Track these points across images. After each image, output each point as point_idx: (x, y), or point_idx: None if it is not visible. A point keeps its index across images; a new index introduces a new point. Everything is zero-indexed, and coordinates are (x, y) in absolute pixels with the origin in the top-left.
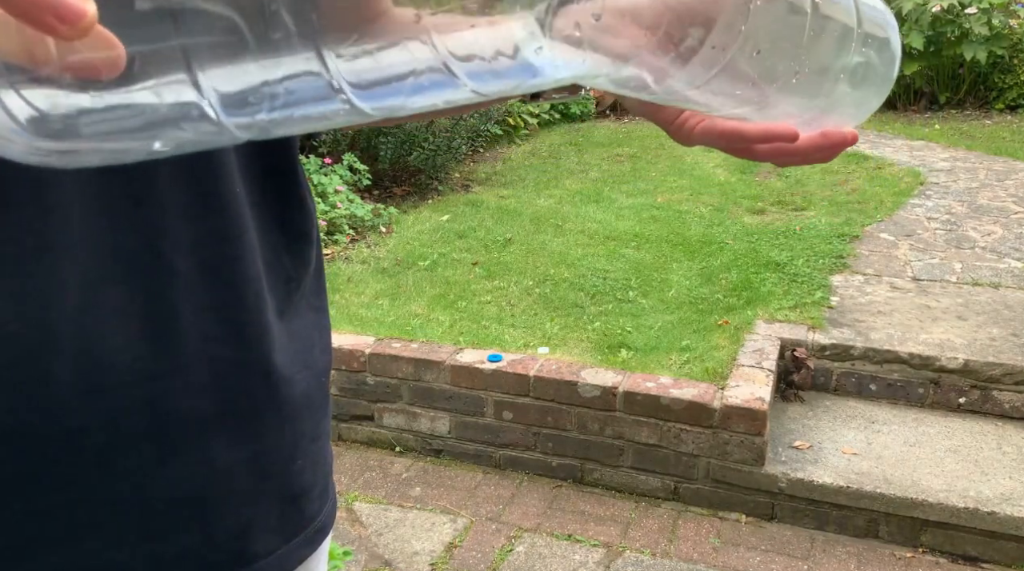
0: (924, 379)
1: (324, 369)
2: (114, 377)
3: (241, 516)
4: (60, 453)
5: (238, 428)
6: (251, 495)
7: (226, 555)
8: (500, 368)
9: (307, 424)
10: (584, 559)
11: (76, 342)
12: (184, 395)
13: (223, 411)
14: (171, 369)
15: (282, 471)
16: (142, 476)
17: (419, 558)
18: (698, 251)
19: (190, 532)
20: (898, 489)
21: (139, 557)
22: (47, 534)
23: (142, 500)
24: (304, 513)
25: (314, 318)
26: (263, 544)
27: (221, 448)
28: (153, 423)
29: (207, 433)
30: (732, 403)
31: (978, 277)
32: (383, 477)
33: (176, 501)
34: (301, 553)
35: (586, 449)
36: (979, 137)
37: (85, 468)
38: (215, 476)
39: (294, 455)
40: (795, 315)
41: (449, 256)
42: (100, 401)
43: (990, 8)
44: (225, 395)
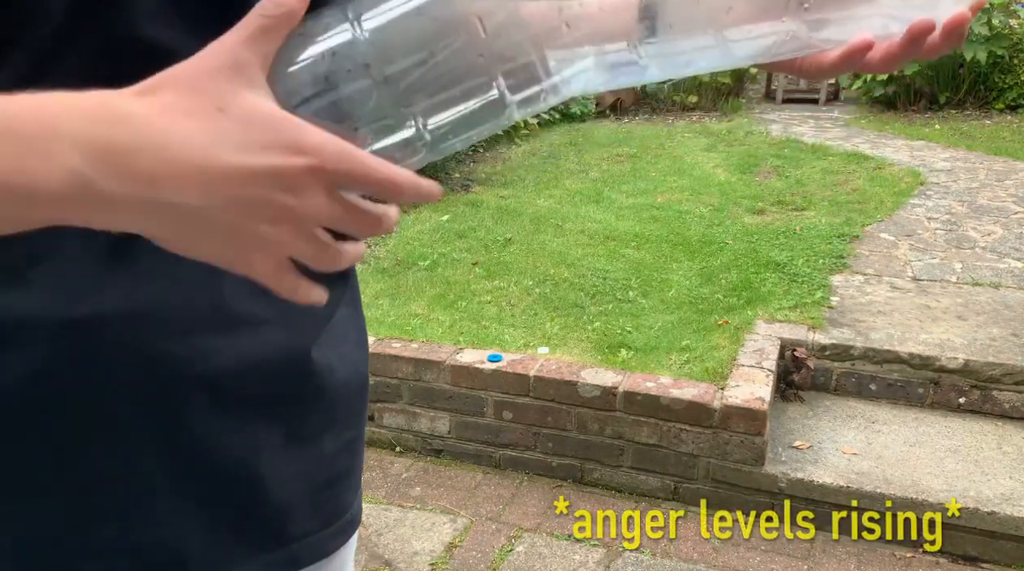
0: (924, 379)
1: (360, 361)
2: (173, 348)
3: (281, 495)
4: (122, 422)
5: (281, 409)
6: (291, 476)
7: (264, 533)
8: (500, 368)
9: (342, 413)
10: (584, 559)
11: (141, 319)
12: (236, 374)
13: (269, 392)
14: (219, 347)
15: (319, 456)
16: (199, 449)
17: (419, 558)
18: (698, 251)
19: (237, 506)
20: (898, 489)
21: (190, 530)
22: (105, 505)
23: (196, 473)
24: (339, 501)
25: (348, 313)
26: (300, 526)
27: (264, 428)
28: (211, 398)
29: (255, 412)
30: (732, 403)
31: (978, 277)
32: (383, 477)
33: (226, 476)
34: (335, 541)
35: (586, 449)
36: (979, 137)
37: (147, 439)
38: (260, 454)
39: (330, 441)
40: (795, 315)
41: (449, 256)
42: (163, 372)
43: (990, 8)
44: (272, 377)
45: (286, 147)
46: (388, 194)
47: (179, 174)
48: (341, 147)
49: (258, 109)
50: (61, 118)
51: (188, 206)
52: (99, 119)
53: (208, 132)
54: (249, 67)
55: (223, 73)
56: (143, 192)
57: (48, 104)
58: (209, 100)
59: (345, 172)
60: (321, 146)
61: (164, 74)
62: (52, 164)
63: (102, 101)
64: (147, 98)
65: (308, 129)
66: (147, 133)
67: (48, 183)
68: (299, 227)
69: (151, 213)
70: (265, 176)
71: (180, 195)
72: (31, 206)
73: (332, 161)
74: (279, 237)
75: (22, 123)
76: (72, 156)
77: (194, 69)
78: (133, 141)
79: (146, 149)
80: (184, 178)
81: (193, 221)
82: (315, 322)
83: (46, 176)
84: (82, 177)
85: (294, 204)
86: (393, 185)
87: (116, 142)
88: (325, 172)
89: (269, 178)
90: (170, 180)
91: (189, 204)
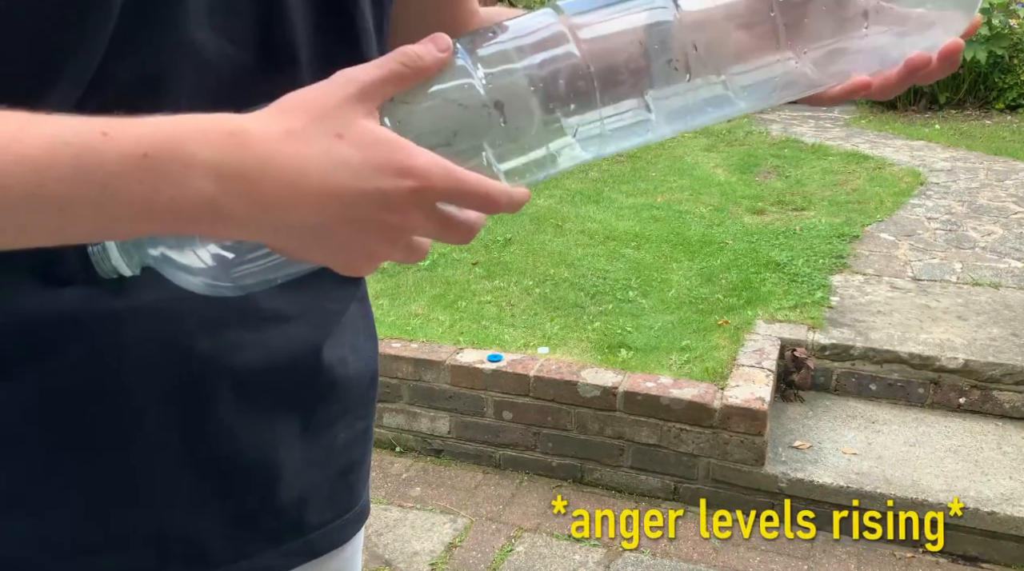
0: (924, 379)
1: (370, 353)
2: (204, 343)
3: (299, 486)
4: (150, 414)
5: (299, 402)
6: (308, 467)
7: (283, 524)
8: (500, 368)
9: (353, 404)
10: (584, 559)
11: (170, 315)
12: (261, 369)
13: (290, 386)
14: (248, 342)
15: (333, 446)
16: (223, 441)
17: (419, 558)
18: (698, 251)
19: (256, 497)
20: (898, 489)
21: (213, 521)
22: (131, 495)
23: (220, 465)
24: (352, 490)
25: (358, 307)
26: (317, 516)
27: (283, 420)
28: (236, 392)
29: (276, 405)
30: (732, 403)
31: (978, 277)
32: (383, 477)
33: (248, 468)
34: (349, 530)
35: (586, 449)
36: (979, 137)
37: (173, 431)
38: (279, 447)
39: (343, 431)
40: (795, 315)
41: (449, 256)
42: (192, 366)
43: (990, 8)
44: (293, 372)
45: (395, 170)
46: (485, 208)
47: (297, 198)
48: (444, 168)
49: (372, 134)
50: (192, 144)
51: (306, 225)
52: (228, 146)
53: (325, 157)
54: (370, 100)
55: (348, 102)
56: (265, 215)
57: (178, 129)
58: (331, 126)
59: (446, 190)
60: (427, 169)
61: (292, 97)
62: (188, 190)
63: (230, 127)
64: (272, 123)
65: (415, 152)
66: (270, 160)
67: (182, 206)
68: (399, 240)
69: (271, 231)
70: (375, 197)
71: (298, 217)
72: (160, 225)
73: (436, 183)
74: (382, 250)
75: (155, 147)
76: (205, 183)
77: (322, 95)
78: (259, 168)
79: (269, 176)
80: (302, 202)
81: (308, 237)
82: (332, 317)
83: (181, 202)
84: (214, 202)
85: (398, 222)
86: (489, 199)
87: (244, 169)
88: (429, 192)
89: (379, 199)
90: (289, 204)
91: (308, 223)
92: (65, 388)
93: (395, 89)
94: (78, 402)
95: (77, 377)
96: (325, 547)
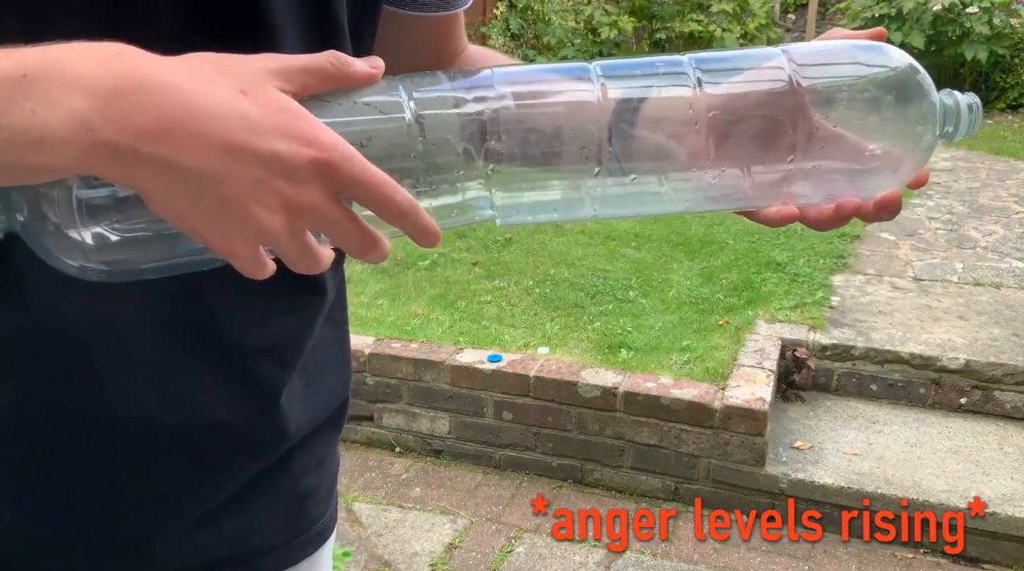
0: (925, 379)
1: (339, 382)
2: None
3: (248, 515)
4: (170, 445)
5: (252, 434)
6: (258, 496)
7: (229, 550)
8: (500, 368)
9: (309, 438)
10: (584, 559)
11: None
12: (218, 401)
13: (240, 417)
14: (210, 376)
15: (285, 476)
16: (182, 475)
17: (419, 558)
18: (699, 251)
19: (202, 533)
20: (899, 489)
21: (171, 549)
22: (156, 520)
23: (173, 500)
24: (308, 514)
25: (331, 333)
26: (264, 540)
27: (235, 452)
28: (190, 426)
29: (229, 437)
30: (733, 403)
31: (979, 277)
32: (383, 477)
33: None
34: (301, 552)
35: (586, 449)
36: (980, 137)
37: (166, 461)
38: (231, 479)
39: (299, 461)
40: (796, 315)
41: (449, 256)
42: (190, 412)
43: (991, 7)
44: (247, 402)
45: (297, 137)
46: (387, 213)
47: (179, 133)
48: (352, 152)
49: (280, 100)
50: (73, 62)
51: (185, 168)
52: (111, 65)
53: (222, 104)
54: (285, 79)
55: (262, 70)
56: (139, 143)
57: (65, 50)
58: (236, 81)
59: (350, 174)
60: (333, 145)
61: (203, 54)
62: (61, 109)
63: (118, 47)
64: (172, 61)
65: (324, 128)
66: (156, 86)
67: (56, 128)
68: (290, 220)
69: (145, 166)
70: (270, 159)
71: (178, 156)
72: (36, 153)
73: (339, 160)
74: (267, 224)
75: (35, 68)
76: (79, 101)
77: (237, 58)
78: (139, 90)
79: (150, 101)
80: (183, 138)
81: (188, 185)
82: (299, 349)
83: (54, 122)
84: (87, 123)
85: (292, 193)
86: (393, 203)
87: (122, 89)
88: (330, 168)
89: (273, 162)
90: (169, 137)
91: (185, 166)
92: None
93: (317, 84)
94: None
95: None
96: (274, 568)
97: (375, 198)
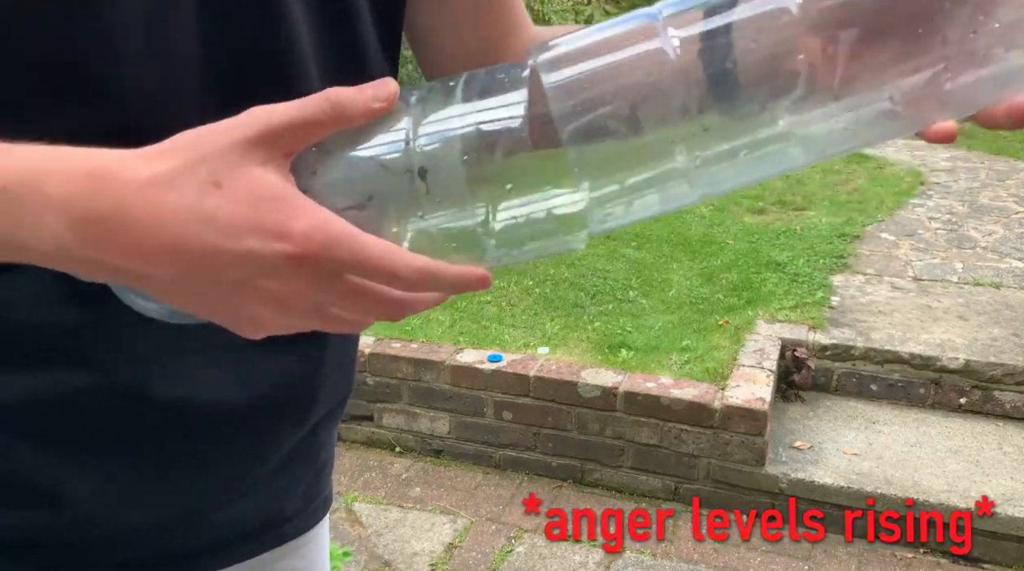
0: (925, 379)
1: (352, 360)
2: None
3: (281, 485)
4: (233, 422)
5: (295, 409)
6: (292, 467)
7: (263, 518)
8: (500, 368)
9: (335, 405)
10: (584, 560)
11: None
12: (273, 379)
13: (287, 394)
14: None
15: (312, 448)
16: (237, 450)
17: (419, 558)
18: (699, 251)
19: (245, 503)
20: (899, 490)
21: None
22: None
23: (226, 473)
24: (320, 482)
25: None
26: (290, 507)
27: (280, 427)
28: (247, 412)
29: (277, 413)
30: (732, 403)
31: (979, 277)
32: (383, 477)
33: (240, 477)
34: (316, 516)
35: (586, 449)
36: (980, 137)
37: (227, 437)
38: (275, 452)
39: (322, 433)
40: (796, 315)
41: None
42: (245, 394)
43: None
44: (294, 380)
45: (270, 232)
46: (392, 284)
47: (151, 251)
48: (330, 234)
49: (255, 188)
50: (50, 182)
51: (165, 279)
52: (84, 188)
53: (189, 211)
54: (271, 146)
55: (243, 145)
56: (117, 263)
57: (42, 164)
58: (208, 172)
59: (337, 259)
60: (307, 234)
61: (183, 135)
62: (42, 230)
63: (90, 168)
64: (142, 165)
65: (300, 213)
66: (124, 207)
67: (38, 245)
68: (284, 310)
69: (131, 279)
70: (246, 260)
71: (154, 270)
72: (28, 260)
73: (317, 250)
74: (265, 318)
75: (16, 182)
76: (56, 225)
77: (216, 134)
78: (111, 215)
79: (120, 224)
80: (153, 256)
81: (176, 291)
82: (317, 344)
83: (36, 243)
84: (64, 244)
85: (277, 289)
86: (396, 278)
87: (95, 214)
88: (308, 260)
89: (248, 261)
90: (140, 257)
91: (166, 278)
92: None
93: (309, 136)
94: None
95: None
96: (295, 533)
97: (376, 276)
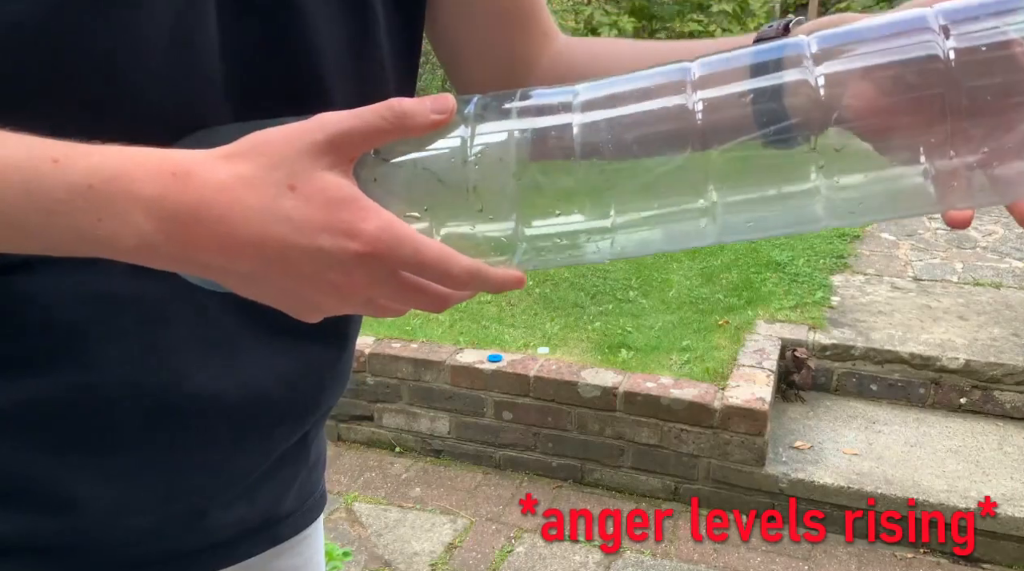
0: (925, 379)
1: (350, 360)
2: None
3: (278, 484)
4: (232, 419)
5: (295, 408)
6: (287, 465)
7: (260, 518)
8: (500, 368)
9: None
10: (584, 559)
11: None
12: (275, 378)
13: (289, 393)
14: (272, 356)
15: (306, 447)
16: (237, 448)
17: (419, 558)
18: (698, 251)
19: (243, 502)
20: (899, 490)
21: (238, 507)
22: (214, 491)
23: (227, 471)
24: (313, 480)
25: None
26: (286, 506)
27: (279, 425)
28: (250, 414)
29: (277, 412)
30: (733, 403)
31: (979, 277)
32: (383, 477)
33: (242, 476)
34: (310, 515)
35: (586, 449)
36: None
37: (227, 435)
38: (273, 450)
39: (314, 432)
40: (796, 315)
41: None
42: (244, 393)
43: None
44: (296, 379)
45: (341, 231)
46: (444, 283)
47: (231, 248)
48: (394, 235)
49: (326, 190)
50: (136, 181)
51: (242, 273)
52: (169, 187)
53: (268, 209)
54: (337, 152)
55: (311, 150)
56: (198, 257)
57: (126, 164)
58: (284, 175)
59: (399, 259)
60: (376, 235)
61: (256, 137)
62: (127, 226)
63: (173, 167)
64: (220, 167)
65: (370, 215)
66: (207, 205)
67: (121, 240)
68: (345, 301)
69: (209, 271)
70: (315, 255)
71: (234, 264)
72: (106, 254)
73: (383, 250)
74: (327, 306)
75: (102, 180)
76: (143, 221)
77: (287, 138)
78: (194, 212)
79: (203, 221)
80: (235, 251)
81: (249, 282)
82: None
83: (120, 236)
84: (150, 240)
85: (341, 282)
86: (449, 278)
87: (180, 212)
88: (374, 259)
89: (319, 257)
90: (222, 252)
91: (243, 271)
92: None
93: (372, 144)
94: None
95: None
96: (290, 533)
97: (431, 276)
